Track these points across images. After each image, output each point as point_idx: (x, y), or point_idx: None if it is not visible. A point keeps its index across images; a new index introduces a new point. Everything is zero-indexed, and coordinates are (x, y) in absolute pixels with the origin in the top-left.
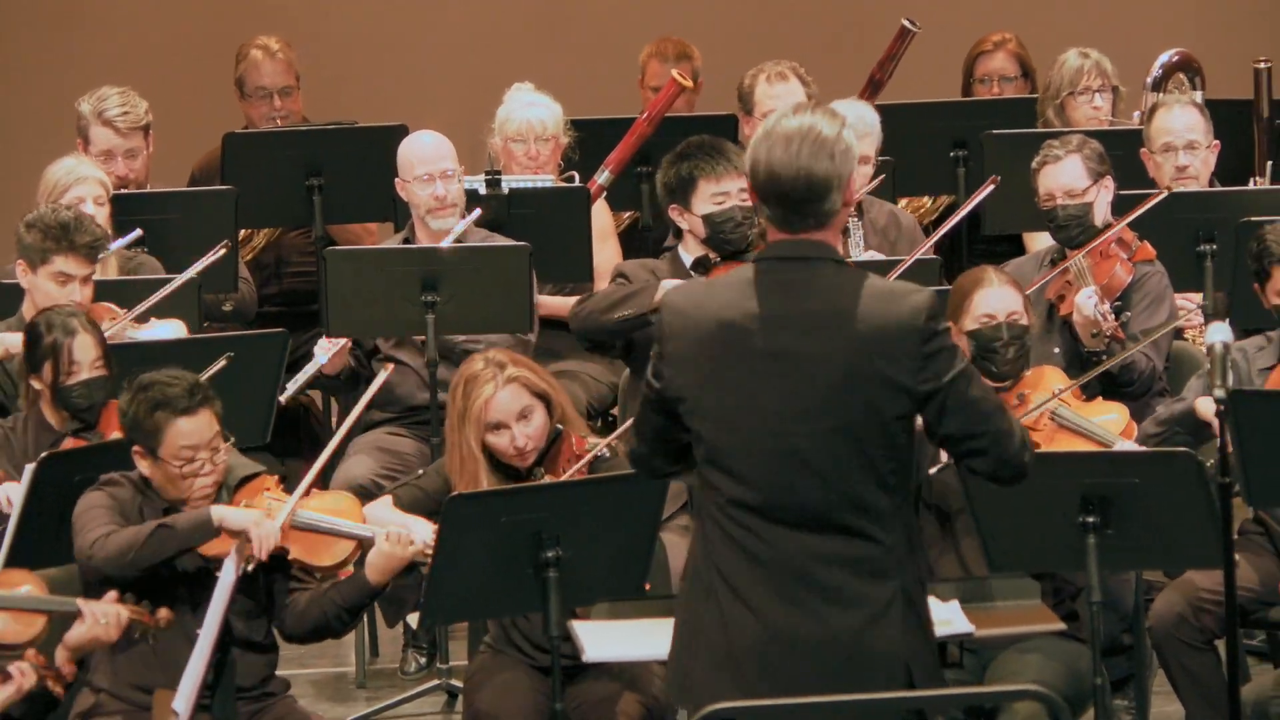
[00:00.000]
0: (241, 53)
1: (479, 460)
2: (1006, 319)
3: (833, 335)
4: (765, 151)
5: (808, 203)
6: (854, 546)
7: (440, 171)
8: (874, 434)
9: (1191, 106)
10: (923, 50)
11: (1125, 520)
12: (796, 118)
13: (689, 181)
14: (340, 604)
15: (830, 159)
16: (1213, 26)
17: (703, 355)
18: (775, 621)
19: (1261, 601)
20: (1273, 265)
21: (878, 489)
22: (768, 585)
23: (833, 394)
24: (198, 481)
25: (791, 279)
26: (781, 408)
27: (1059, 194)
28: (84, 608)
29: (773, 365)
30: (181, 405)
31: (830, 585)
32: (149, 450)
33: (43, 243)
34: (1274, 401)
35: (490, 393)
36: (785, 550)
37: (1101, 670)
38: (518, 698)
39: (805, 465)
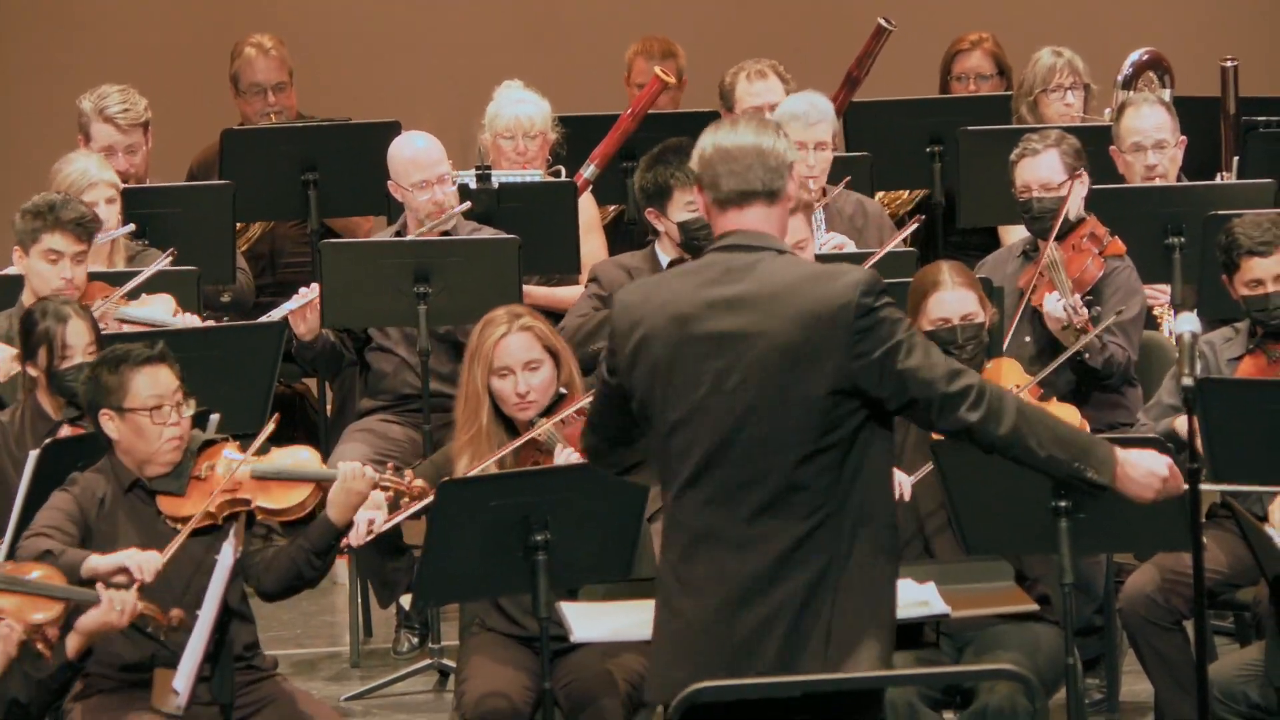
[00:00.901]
0: (236, 50)
1: (482, 398)
2: (961, 321)
3: (768, 314)
4: (711, 133)
5: (758, 170)
6: (788, 526)
7: (436, 177)
8: (811, 409)
9: (1159, 106)
10: (900, 48)
11: (1097, 505)
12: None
13: (664, 190)
14: (308, 548)
15: (775, 138)
16: (1181, 26)
17: (652, 345)
18: (714, 605)
19: (1228, 583)
20: (1241, 257)
21: (814, 465)
22: (708, 567)
23: (769, 370)
24: (165, 432)
25: (733, 265)
26: (722, 386)
27: (1035, 186)
28: (103, 594)
29: (712, 346)
30: (142, 357)
31: (761, 566)
32: (115, 409)
33: (32, 224)
34: (1239, 389)
35: (502, 334)
36: (724, 530)
37: (1074, 650)
38: (508, 676)
39: (744, 441)
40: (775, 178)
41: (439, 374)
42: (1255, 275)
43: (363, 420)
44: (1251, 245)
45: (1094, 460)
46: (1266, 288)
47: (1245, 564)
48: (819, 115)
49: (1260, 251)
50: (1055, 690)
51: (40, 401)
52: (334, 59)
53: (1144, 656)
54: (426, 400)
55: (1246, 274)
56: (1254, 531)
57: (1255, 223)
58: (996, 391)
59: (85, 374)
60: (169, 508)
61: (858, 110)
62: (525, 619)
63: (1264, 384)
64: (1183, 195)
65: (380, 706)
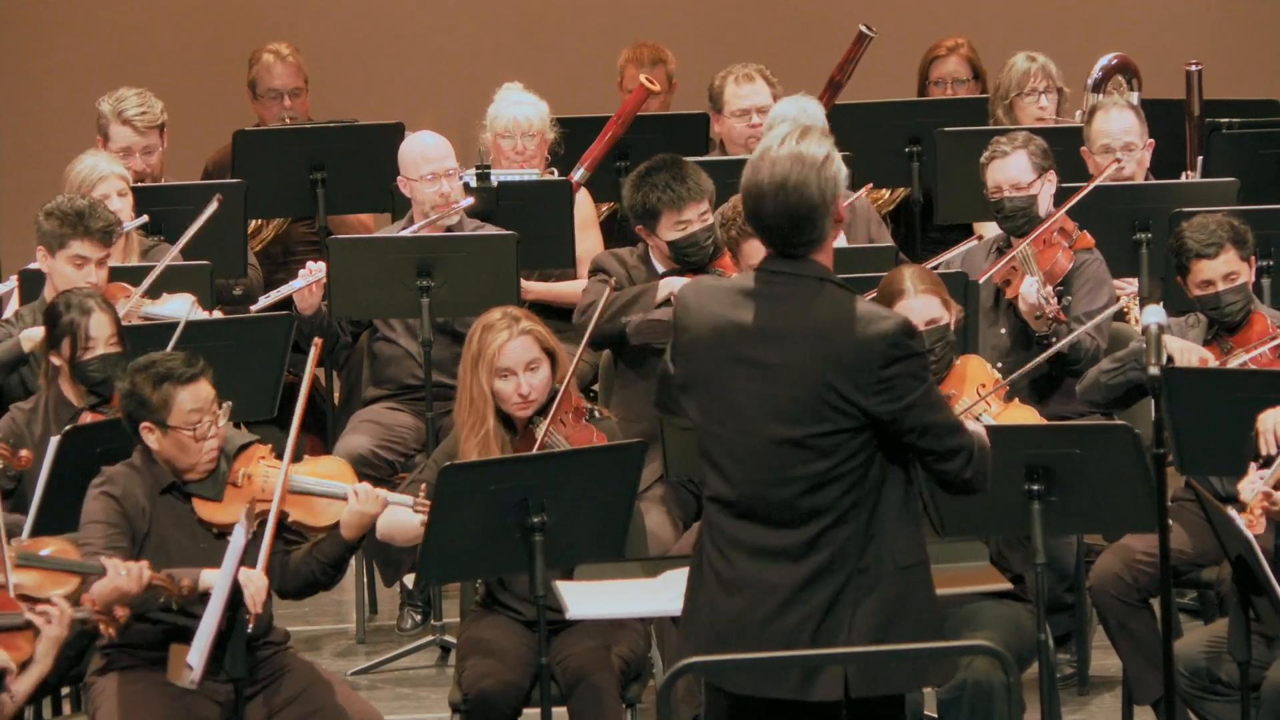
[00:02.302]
0: (254, 57)
1: (488, 401)
2: (925, 326)
3: (803, 350)
4: (755, 189)
5: (796, 231)
6: (814, 540)
7: (444, 170)
8: (833, 444)
9: (1127, 109)
10: (880, 53)
11: (1067, 488)
12: (783, 147)
13: (653, 212)
14: (323, 560)
15: (816, 189)
16: (1148, 32)
17: (697, 353)
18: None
19: (1193, 563)
20: (1190, 260)
21: (836, 492)
22: (745, 571)
23: (797, 404)
24: (205, 445)
25: (780, 293)
26: (754, 413)
27: (1005, 186)
28: (107, 564)
29: (751, 372)
30: (185, 375)
31: (784, 584)
32: (158, 424)
33: (60, 229)
34: (1203, 377)
35: (504, 339)
36: (752, 547)
37: (1045, 627)
38: (507, 652)
39: (771, 467)
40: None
41: (440, 363)
42: (1205, 276)
43: (368, 409)
44: (1199, 248)
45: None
46: (1217, 286)
47: (1209, 544)
48: (809, 120)
49: (1207, 254)
50: (1028, 665)
51: (63, 390)
52: (341, 64)
53: (1113, 633)
54: (429, 389)
55: (1197, 275)
56: (1217, 513)
57: (1202, 225)
58: (982, 453)
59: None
60: (205, 513)
61: (840, 112)
62: (522, 605)
63: (1227, 373)
64: (1150, 193)
65: (385, 681)
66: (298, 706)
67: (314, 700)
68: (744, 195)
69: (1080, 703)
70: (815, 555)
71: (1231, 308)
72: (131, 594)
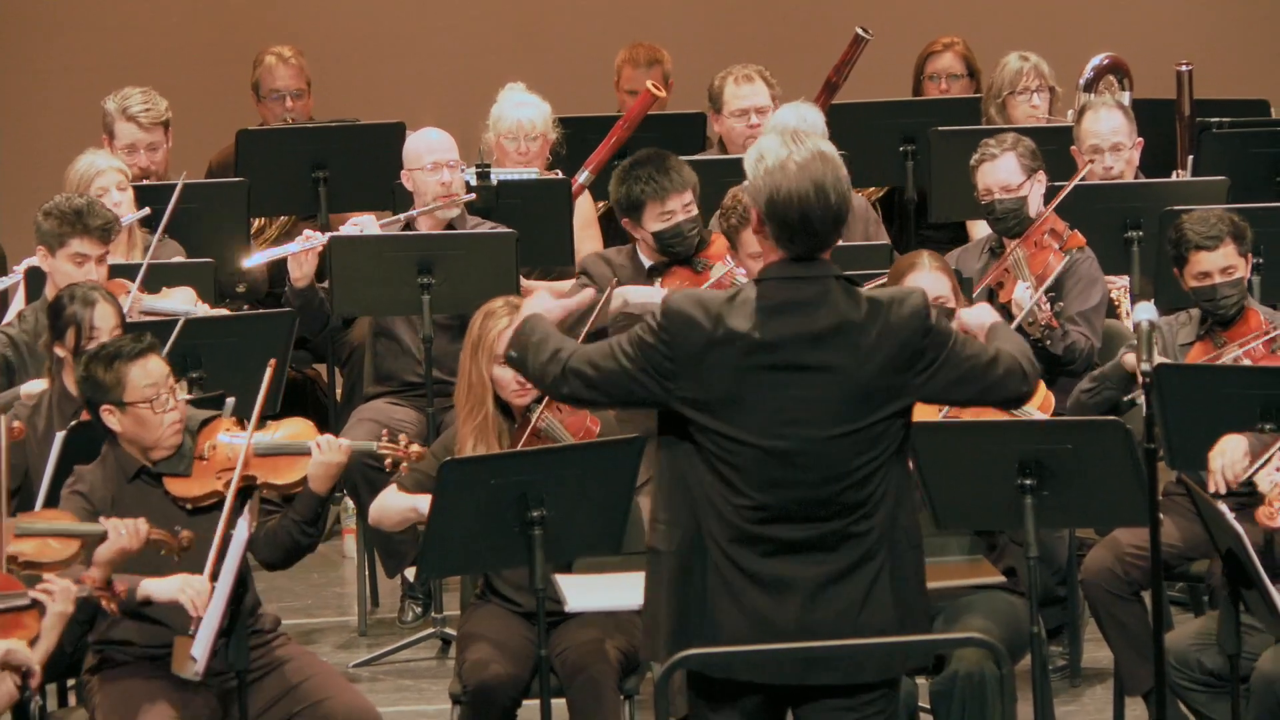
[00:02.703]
0: (258, 59)
1: (486, 388)
2: (934, 302)
3: (845, 347)
4: (793, 194)
5: (835, 234)
6: (851, 536)
7: (447, 161)
8: (878, 433)
9: (1116, 110)
10: (876, 51)
11: (1059, 482)
12: (803, 152)
13: (638, 204)
14: (298, 519)
15: (848, 188)
16: (1140, 32)
17: (722, 369)
18: (762, 613)
19: (1183, 556)
20: (1189, 251)
21: (870, 481)
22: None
23: (848, 402)
24: (166, 419)
25: (799, 296)
26: (803, 416)
27: (995, 189)
28: (106, 524)
29: (794, 377)
30: (133, 351)
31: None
32: (115, 403)
33: (59, 228)
34: (1193, 374)
35: (505, 326)
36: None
37: (1038, 620)
38: (506, 645)
39: (822, 468)
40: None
41: (440, 360)
42: (1203, 268)
43: (369, 404)
44: (1199, 240)
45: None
46: (1213, 279)
47: (1199, 538)
48: (808, 128)
49: (1207, 246)
50: (1021, 657)
51: (67, 383)
52: (342, 64)
53: (1104, 625)
54: (430, 384)
55: (1195, 267)
56: (1207, 507)
57: (1202, 218)
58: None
59: (80, 372)
60: (177, 489)
61: (835, 111)
62: (520, 595)
63: (1217, 369)
64: (1140, 192)
65: (386, 673)
66: (294, 698)
67: (310, 693)
68: (774, 203)
69: (1072, 694)
70: (852, 545)
71: (1226, 301)
72: (133, 551)
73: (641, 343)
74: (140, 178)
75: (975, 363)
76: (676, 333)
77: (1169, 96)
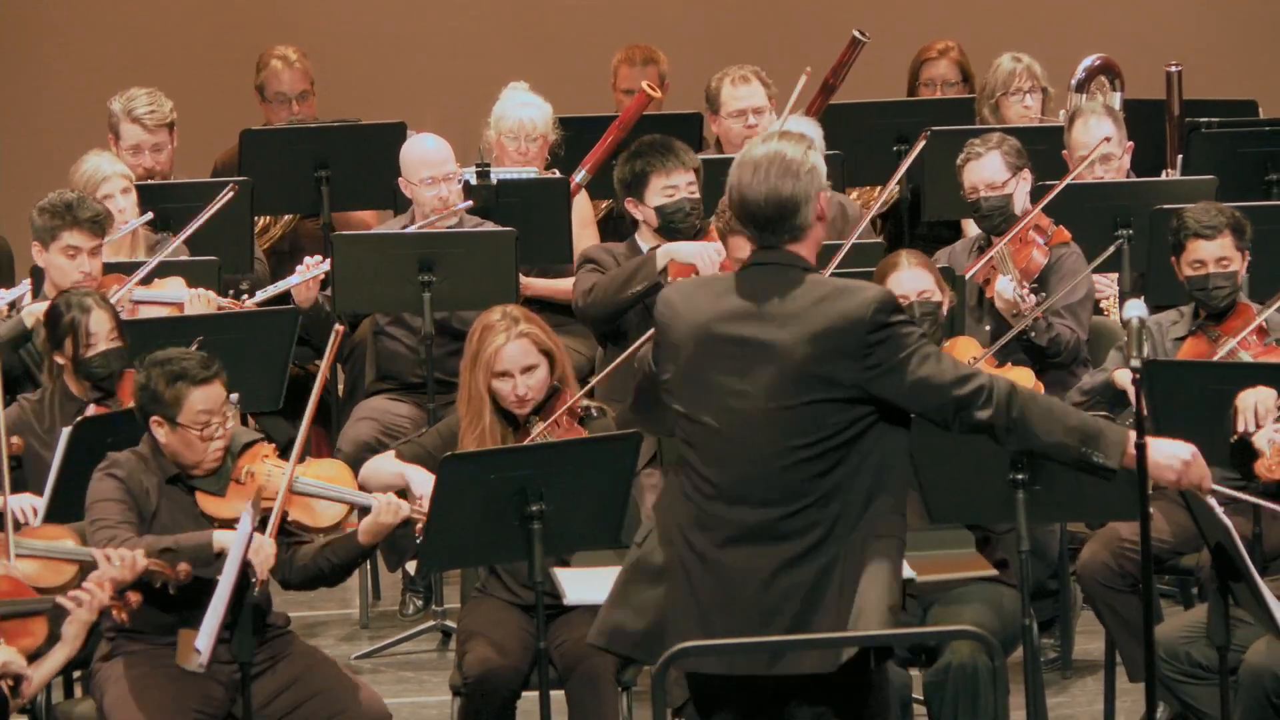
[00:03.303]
0: (262, 61)
1: (485, 400)
2: (918, 297)
3: (789, 326)
4: (737, 179)
5: (779, 221)
6: (793, 523)
7: (443, 175)
8: (814, 417)
9: (1105, 118)
10: (872, 55)
11: (1051, 477)
12: (765, 145)
13: (642, 177)
14: (334, 561)
15: (795, 180)
16: (1131, 34)
17: (685, 345)
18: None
19: (1174, 550)
20: (1187, 239)
21: (821, 465)
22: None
23: (787, 377)
24: (212, 445)
25: (763, 281)
26: (748, 390)
27: (981, 187)
28: (97, 555)
29: (734, 350)
30: (199, 376)
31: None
32: (168, 419)
33: (50, 222)
34: (1182, 369)
35: (502, 342)
36: (740, 529)
37: (1030, 612)
38: (506, 637)
39: (759, 442)
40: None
41: (440, 360)
42: (1199, 256)
43: (369, 401)
44: (1198, 228)
45: (1103, 445)
46: (1207, 268)
47: (1189, 533)
48: None
49: (1205, 235)
50: (1013, 649)
51: (68, 384)
52: (345, 64)
53: (1103, 617)
54: (430, 382)
55: (1191, 255)
56: (1196, 502)
57: (1204, 209)
58: (1004, 387)
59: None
60: (208, 507)
61: (831, 112)
62: (520, 589)
63: (1205, 365)
64: (1130, 191)
65: (387, 665)
66: (299, 688)
67: (315, 683)
68: (730, 190)
69: (1063, 686)
70: (804, 535)
71: (1219, 291)
72: (126, 582)
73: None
74: (146, 178)
75: (935, 371)
76: (660, 318)
77: (1159, 97)
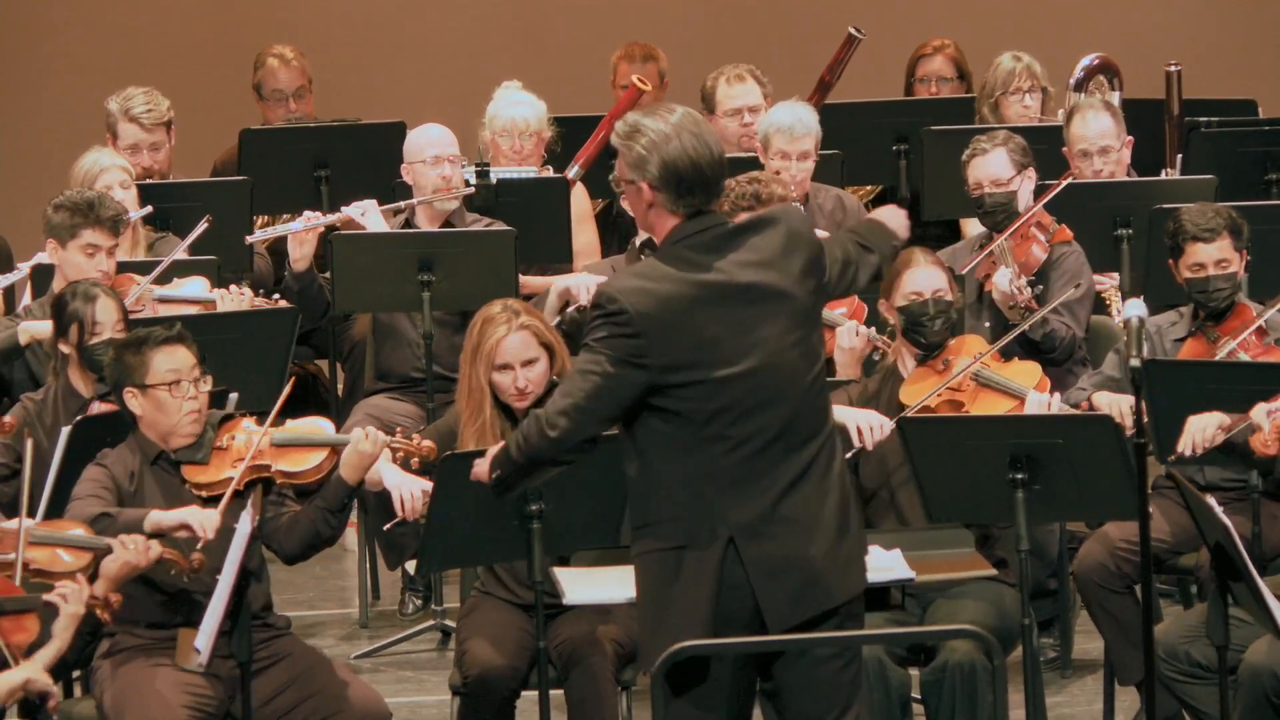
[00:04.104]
0: (259, 60)
1: (485, 393)
2: (932, 295)
3: (783, 269)
4: (680, 148)
5: (721, 185)
6: (818, 448)
7: (447, 155)
8: (819, 340)
9: (1104, 113)
10: (867, 52)
11: (1050, 477)
12: (675, 118)
13: None
14: (324, 507)
15: (712, 138)
16: (1131, 33)
17: (676, 332)
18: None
19: (1173, 550)
20: (1186, 242)
21: (824, 394)
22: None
23: (793, 317)
24: (184, 405)
25: (724, 235)
26: (766, 334)
27: (986, 183)
28: (113, 542)
29: (743, 302)
30: (161, 337)
31: (808, 500)
32: (137, 386)
33: (71, 219)
34: (1181, 369)
35: (503, 334)
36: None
37: (1029, 612)
38: (505, 637)
39: (790, 381)
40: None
41: (440, 356)
42: (1198, 259)
43: (370, 399)
44: (1196, 231)
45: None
46: (1207, 271)
47: (1188, 532)
48: (804, 129)
49: (1204, 237)
50: (1012, 648)
51: (72, 379)
52: (343, 64)
53: (1097, 618)
54: (430, 380)
55: (1190, 258)
56: (1196, 501)
57: (1201, 211)
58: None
59: (110, 355)
60: (194, 476)
61: (829, 111)
62: (520, 589)
63: (1204, 365)
64: (1130, 190)
65: (387, 664)
66: (299, 687)
67: (315, 682)
68: (665, 163)
69: (1062, 685)
70: (831, 462)
71: (1219, 293)
72: (140, 568)
73: (603, 342)
74: (144, 177)
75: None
76: (628, 306)
77: (1158, 96)
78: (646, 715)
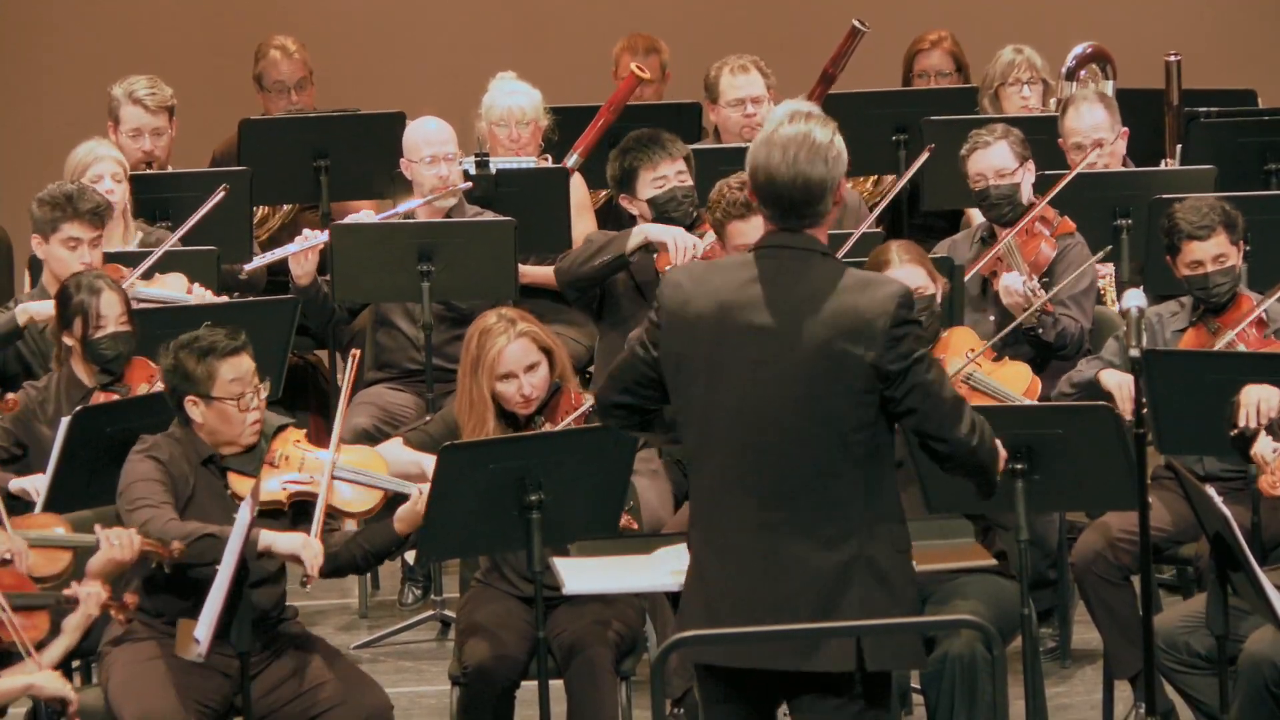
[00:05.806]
0: (260, 51)
1: (488, 405)
2: (916, 293)
3: (810, 316)
4: (764, 157)
5: (805, 204)
6: (814, 516)
7: (444, 155)
8: (840, 407)
9: (1098, 104)
10: (871, 45)
11: (1050, 467)
12: (793, 125)
13: (631, 173)
14: (368, 549)
15: (824, 164)
16: (1130, 23)
17: (699, 328)
18: (740, 582)
19: (1172, 540)
20: (1181, 241)
21: (842, 459)
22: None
23: (804, 367)
24: (248, 417)
25: (784, 266)
26: (757, 377)
27: (990, 175)
28: (100, 534)
29: (752, 338)
30: (227, 348)
31: (787, 554)
32: (202, 396)
33: (51, 213)
34: (1181, 359)
35: (503, 344)
36: (748, 519)
37: (1029, 602)
38: (505, 627)
39: (777, 434)
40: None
41: (439, 347)
42: (1195, 257)
43: (369, 390)
44: (1191, 230)
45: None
46: (1206, 268)
47: (1188, 522)
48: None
49: (1199, 235)
50: (1011, 639)
51: (75, 369)
52: (343, 54)
53: (1093, 609)
54: (429, 371)
55: (1187, 256)
56: (1195, 491)
57: (1195, 208)
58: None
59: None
60: (237, 484)
61: (829, 101)
62: (521, 582)
63: (1204, 355)
64: (1130, 180)
65: (386, 654)
66: (302, 678)
67: (318, 672)
68: (753, 169)
69: (1062, 676)
70: (821, 529)
71: (1219, 289)
72: (126, 562)
73: (645, 323)
74: (144, 163)
75: (942, 385)
76: (663, 297)
77: (1157, 86)
78: (646, 706)
